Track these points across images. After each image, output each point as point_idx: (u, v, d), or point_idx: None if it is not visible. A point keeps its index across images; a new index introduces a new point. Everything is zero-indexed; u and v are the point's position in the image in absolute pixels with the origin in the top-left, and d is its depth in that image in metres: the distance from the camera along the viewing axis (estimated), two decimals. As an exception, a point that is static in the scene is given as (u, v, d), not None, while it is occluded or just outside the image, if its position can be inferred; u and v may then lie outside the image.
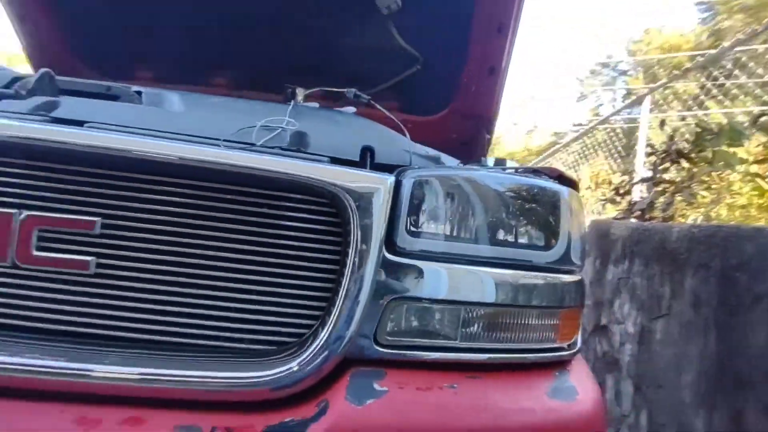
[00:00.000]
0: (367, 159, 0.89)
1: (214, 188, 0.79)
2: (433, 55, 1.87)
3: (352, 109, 1.18)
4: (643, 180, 2.44)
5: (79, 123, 0.81)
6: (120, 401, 0.73)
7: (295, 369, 0.77)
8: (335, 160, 0.87)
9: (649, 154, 2.38)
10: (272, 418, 0.75)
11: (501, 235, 0.87)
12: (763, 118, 1.81)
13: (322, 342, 0.78)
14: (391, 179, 0.82)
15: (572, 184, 1.02)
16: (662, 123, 2.62)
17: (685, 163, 2.33)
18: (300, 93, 1.01)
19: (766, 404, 1.50)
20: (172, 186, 0.78)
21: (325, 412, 0.73)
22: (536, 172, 1.03)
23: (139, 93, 0.98)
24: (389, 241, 0.82)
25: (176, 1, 1.88)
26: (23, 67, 2.25)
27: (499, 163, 1.16)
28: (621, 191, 2.64)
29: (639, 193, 2.82)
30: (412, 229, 0.83)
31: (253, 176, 0.78)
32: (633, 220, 2.65)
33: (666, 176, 2.54)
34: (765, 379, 1.52)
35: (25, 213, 0.74)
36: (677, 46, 16.23)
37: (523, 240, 0.88)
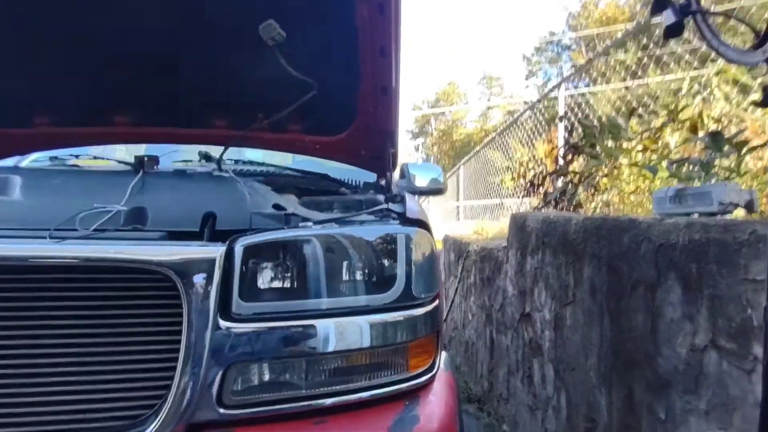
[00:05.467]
0: (205, 228, 0.94)
1: (45, 279, 0.83)
2: (328, 81, 1.94)
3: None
4: (551, 173, 2.58)
5: None
6: None
7: (145, 439, 0.83)
8: (172, 234, 0.92)
9: (551, 149, 2.53)
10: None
11: (336, 286, 0.94)
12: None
13: (166, 411, 0.84)
14: (221, 250, 0.88)
15: (419, 223, 1.10)
16: (561, 118, 2.77)
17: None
18: (149, 163, 1.05)
19: (648, 381, 1.65)
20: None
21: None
22: (386, 215, 1.11)
23: None
24: (225, 308, 0.88)
25: (66, 45, 1.86)
26: None
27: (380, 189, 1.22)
28: (536, 183, 2.79)
29: (560, 183, 2.97)
30: (246, 293, 0.89)
31: (79, 265, 0.82)
32: (547, 210, 2.80)
33: (573, 167, 2.69)
34: (646, 359, 1.67)
35: None
36: (614, 18, 16.70)
37: (359, 287, 0.96)
